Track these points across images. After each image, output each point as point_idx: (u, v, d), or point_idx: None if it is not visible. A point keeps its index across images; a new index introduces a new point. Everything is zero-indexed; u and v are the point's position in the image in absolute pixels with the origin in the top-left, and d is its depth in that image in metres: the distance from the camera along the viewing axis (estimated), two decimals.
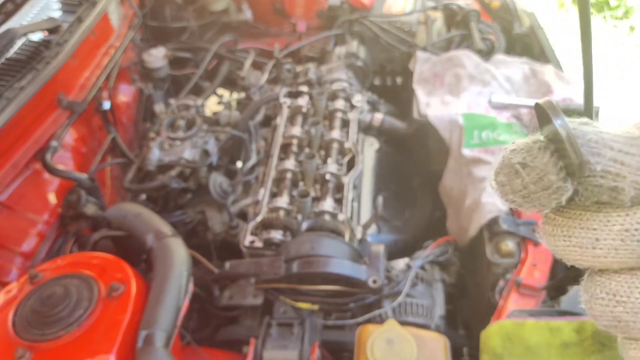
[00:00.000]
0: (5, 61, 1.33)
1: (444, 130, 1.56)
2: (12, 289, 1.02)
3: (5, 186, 1.25)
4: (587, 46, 0.85)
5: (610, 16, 3.93)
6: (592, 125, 0.23)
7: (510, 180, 0.23)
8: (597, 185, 0.22)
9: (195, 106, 1.81)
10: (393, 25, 1.98)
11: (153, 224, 1.28)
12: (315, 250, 1.24)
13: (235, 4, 2.19)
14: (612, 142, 0.22)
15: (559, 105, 0.24)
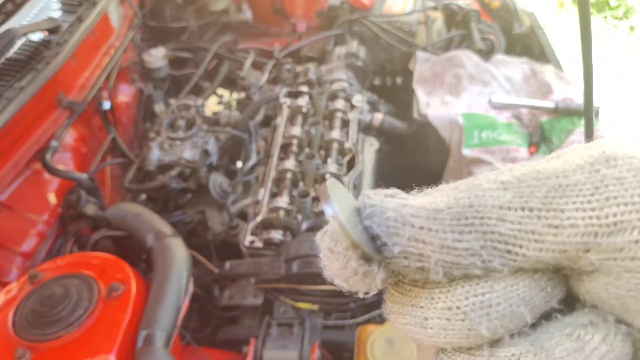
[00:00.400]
0: (5, 61, 1.33)
1: (444, 130, 1.56)
2: (12, 289, 1.02)
3: (5, 186, 1.25)
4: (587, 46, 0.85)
5: (611, 16, 3.93)
6: (397, 197, 0.21)
7: (327, 265, 0.22)
8: (404, 265, 0.20)
9: (195, 106, 1.81)
10: (393, 25, 1.98)
11: (153, 224, 1.28)
12: (315, 250, 1.24)
13: (235, 4, 2.19)
14: (413, 219, 0.20)
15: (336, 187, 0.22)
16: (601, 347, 0.20)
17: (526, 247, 0.19)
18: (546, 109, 1.52)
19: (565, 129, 1.46)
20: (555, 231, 0.19)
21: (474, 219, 0.19)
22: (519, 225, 0.19)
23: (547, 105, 1.52)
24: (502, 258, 0.19)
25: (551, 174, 0.19)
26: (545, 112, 1.53)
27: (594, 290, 0.20)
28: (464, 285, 0.20)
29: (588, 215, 0.18)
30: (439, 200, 0.21)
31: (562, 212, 0.19)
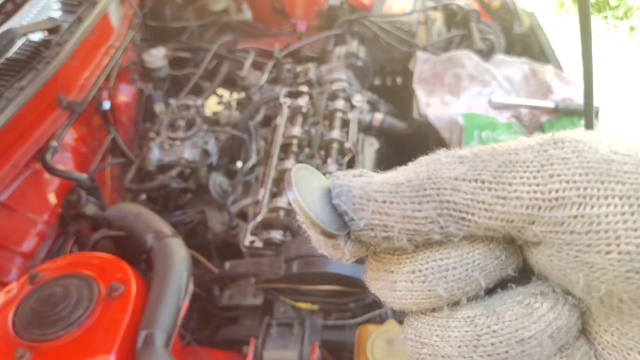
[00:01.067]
0: (5, 61, 1.33)
1: (444, 130, 1.56)
2: (12, 289, 1.02)
3: (5, 186, 1.25)
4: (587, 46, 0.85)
5: (611, 16, 3.93)
6: (364, 176, 0.23)
7: (310, 237, 0.25)
8: (371, 237, 0.22)
9: (195, 106, 1.81)
10: (393, 25, 1.98)
11: (153, 224, 1.28)
12: (315, 250, 1.24)
13: (235, 4, 2.19)
14: (376, 194, 0.22)
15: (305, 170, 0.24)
16: (549, 314, 0.21)
17: (477, 215, 0.21)
18: (546, 109, 1.52)
19: (565, 129, 1.46)
20: (503, 202, 0.21)
21: (431, 190, 0.21)
22: (472, 195, 0.21)
23: (547, 105, 1.52)
24: (456, 224, 0.21)
25: (504, 151, 0.21)
26: (545, 112, 1.53)
27: (541, 262, 0.22)
28: (425, 251, 0.22)
29: (533, 190, 0.20)
30: (401, 174, 0.22)
31: (509, 185, 0.20)
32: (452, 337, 0.22)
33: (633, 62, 3.68)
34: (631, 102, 3.28)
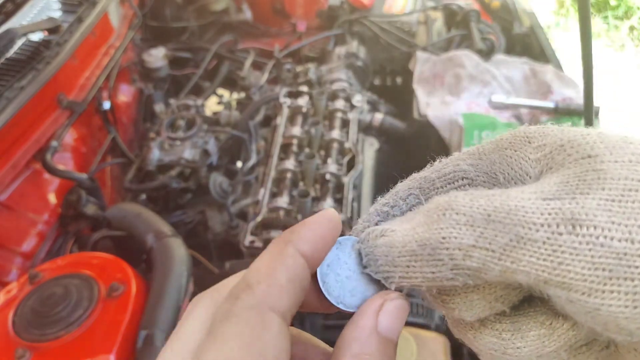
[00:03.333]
0: (5, 61, 1.33)
1: (444, 130, 1.56)
2: (12, 289, 1.02)
3: (5, 186, 1.25)
4: (587, 46, 0.85)
5: (611, 16, 3.93)
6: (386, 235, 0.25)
7: None
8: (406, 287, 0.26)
9: (195, 106, 1.81)
10: (393, 25, 1.98)
11: (153, 224, 1.28)
12: None
13: (235, 4, 2.19)
14: (399, 259, 0.24)
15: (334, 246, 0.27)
16: (569, 332, 0.23)
17: (490, 276, 0.22)
18: (546, 109, 1.52)
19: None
20: (512, 273, 0.21)
21: (444, 256, 0.22)
22: (482, 262, 0.22)
23: (547, 105, 1.52)
24: (472, 278, 0.23)
25: (518, 222, 0.21)
26: (545, 112, 1.53)
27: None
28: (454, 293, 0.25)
29: (541, 270, 0.21)
30: (419, 232, 0.24)
31: (519, 260, 0.21)
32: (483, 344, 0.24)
33: (633, 61, 3.68)
34: (631, 102, 3.28)
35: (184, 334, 0.24)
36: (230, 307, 0.23)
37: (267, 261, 0.25)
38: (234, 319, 0.22)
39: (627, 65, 3.64)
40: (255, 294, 0.23)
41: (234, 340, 0.22)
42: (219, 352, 0.21)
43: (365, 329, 0.25)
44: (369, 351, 0.24)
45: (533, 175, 0.24)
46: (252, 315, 0.23)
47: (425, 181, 0.27)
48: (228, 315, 0.23)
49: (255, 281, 0.24)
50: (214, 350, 0.22)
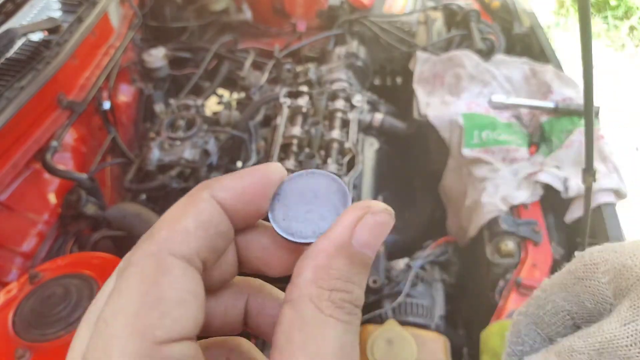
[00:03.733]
0: (5, 61, 1.33)
1: (444, 130, 1.56)
2: (12, 289, 1.02)
3: (5, 186, 1.25)
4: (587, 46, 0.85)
5: (611, 16, 3.93)
6: None
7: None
8: None
9: (195, 106, 1.81)
10: (393, 25, 1.98)
11: (153, 224, 1.28)
12: None
13: (235, 4, 2.19)
14: None
15: None
16: None
17: None
18: (546, 109, 1.52)
19: (565, 129, 1.46)
20: None
21: None
22: None
23: (547, 105, 1.52)
24: None
25: (616, 347, 0.25)
26: (545, 112, 1.53)
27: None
28: None
29: None
30: None
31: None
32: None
33: (633, 61, 3.68)
34: (631, 102, 3.28)
35: (100, 294, 0.23)
36: (130, 257, 0.22)
37: (175, 208, 0.24)
38: (132, 268, 0.21)
39: (627, 65, 3.65)
40: (155, 241, 0.22)
41: (132, 289, 0.20)
42: (116, 305, 0.20)
43: (337, 240, 0.22)
44: (337, 266, 0.22)
45: (611, 294, 0.27)
46: (149, 262, 0.21)
47: (536, 317, 0.32)
48: (127, 266, 0.22)
49: (157, 229, 0.23)
50: (112, 304, 0.20)
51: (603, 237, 1.21)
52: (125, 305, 0.20)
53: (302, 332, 0.21)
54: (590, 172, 1.00)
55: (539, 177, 1.32)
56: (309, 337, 0.20)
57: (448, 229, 1.56)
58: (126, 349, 0.19)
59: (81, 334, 0.22)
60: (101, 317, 0.20)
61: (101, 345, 0.20)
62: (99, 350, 0.19)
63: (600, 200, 1.26)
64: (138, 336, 0.19)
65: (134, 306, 0.20)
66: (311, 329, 0.21)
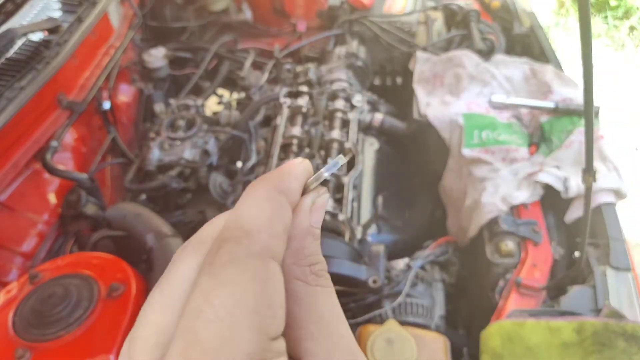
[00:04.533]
0: (5, 61, 1.33)
1: (444, 130, 1.56)
2: (12, 289, 1.02)
3: (5, 186, 1.25)
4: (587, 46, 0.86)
5: (611, 16, 3.93)
6: None
7: None
8: None
9: (195, 106, 1.81)
10: (393, 25, 1.98)
11: (153, 224, 1.28)
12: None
13: (235, 4, 2.19)
14: None
15: None
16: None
17: None
18: (546, 109, 1.52)
19: (565, 129, 1.46)
20: None
21: None
22: None
23: (547, 105, 1.52)
24: None
25: None
26: (545, 112, 1.53)
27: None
28: None
29: None
30: None
31: None
32: None
33: (633, 61, 3.68)
34: (631, 102, 3.28)
35: (173, 279, 0.25)
36: (233, 252, 0.23)
37: (263, 210, 0.25)
38: (241, 265, 0.23)
39: (627, 65, 3.64)
40: (258, 242, 0.24)
41: (243, 285, 0.22)
42: (230, 296, 0.22)
43: (302, 226, 0.26)
44: (307, 245, 0.26)
45: None
46: (258, 263, 0.23)
47: None
48: (232, 261, 0.23)
49: (255, 229, 0.24)
50: (224, 294, 0.22)
51: (603, 237, 1.21)
52: (243, 301, 0.22)
53: (300, 306, 0.25)
54: (590, 172, 1.00)
55: (539, 177, 1.32)
56: (306, 307, 0.25)
57: (448, 229, 1.56)
58: (251, 339, 0.21)
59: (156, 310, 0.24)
60: (208, 302, 0.22)
61: (220, 328, 0.21)
62: (214, 333, 0.21)
63: (600, 200, 1.26)
64: (258, 331, 0.22)
65: (252, 303, 0.22)
66: (306, 301, 0.25)
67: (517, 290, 1.18)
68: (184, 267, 0.25)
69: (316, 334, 0.24)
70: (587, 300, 1.09)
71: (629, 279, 1.12)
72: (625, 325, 0.98)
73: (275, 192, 0.26)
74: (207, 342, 0.21)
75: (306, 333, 0.24)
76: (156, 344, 0.23)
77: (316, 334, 0.24)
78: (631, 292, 1.10)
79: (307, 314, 0.25)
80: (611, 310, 1.04)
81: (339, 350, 0.24)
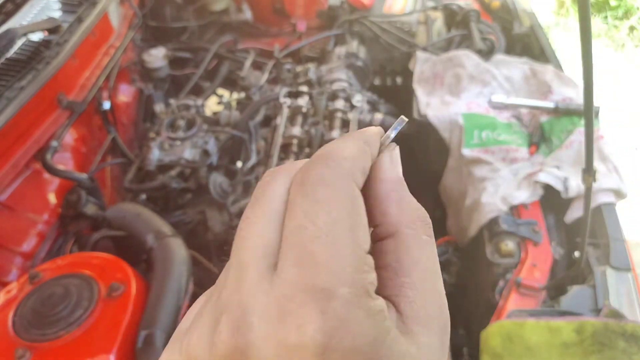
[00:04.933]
0: (5, 61, 1.33)
1: (444, 130, 1.56)
2: (12, 289, 1.02)
3: (5, 186, 1.25)
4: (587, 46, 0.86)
5: (611, 16, 3.93)
6: None
7: None
8: None
9: (195, 106, 1.81)
10: (393, 25, 1.98)
11: (153, 224, 1.28)
12: None
13: (235, 4, 2.19)
14: None
15: None
16: None
17: None
18: (546, 109, 1.52)
19: (565, 129, 1.46)
20: None
21: None
22: None
23: (547, 105, 1.52)
24: None
25: None
26: (545, 112, 1.53)
27: None
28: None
29: None
30: None
31: None
32: None
33: (633, 61, 3.68)
34: (631, 102, 3.28)
35: (268, 197, 0.26)
36: (323, 174, 0.25)
37: (350, 147, 0.27)
38: (331, 185, 0.25)
39: (627, 65, 3.64)
40: (344, 167, 0.26)
41: (337, 203, 0.24)
42: (327, 214, 0.24)
43: (395, 178, 0.28)
44: (405, 195, 0.28)
45: None
46: (345, 183, 0.25)
47: None
48: (322, 180, 0.25)
49: (342, 157, 0.26)
50: (323, 212, 0.24)
51: (603, 237, 1.21)
52: (339, 217, 0.24)
53: (410, 255, 0.26)
54: (590, 172, 1.00)
55: (539, 177, 1.32)
56: (416, 257, 0.26)
57: (448, 229, 1.56)
58: (352, 252, 0.23)
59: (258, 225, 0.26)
60: (310, 220, 0.24)
61: (326, 242, 0.23)
62: (322, 247, 0.23)
63: (600, 200, 1.26)
64: (355, 245, 0.24)
65: (347, 220, 0.24)
66: (415, 251, 0.26)
67: (517, 290, 1.18)
68: (277, 187, 0.26)
69: (418, 283, 0.26)
70: (587, 300, 1.09)
71: (629, 279, 1.12)
72: (625, 325, 0.98)
73: (360, 140, 0.28)
74: (317, 255, 0.23)
75: (410, 282, 0.26)
76: (264, 254, 0.25)
77: (418, 284, 0.26)
78: (631, 292, 1.10)
79: (414, 264, 0.26)
80: (611, 310, 1.04)
81: (434, 304, 0.26)
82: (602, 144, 1.38)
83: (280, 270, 0.23)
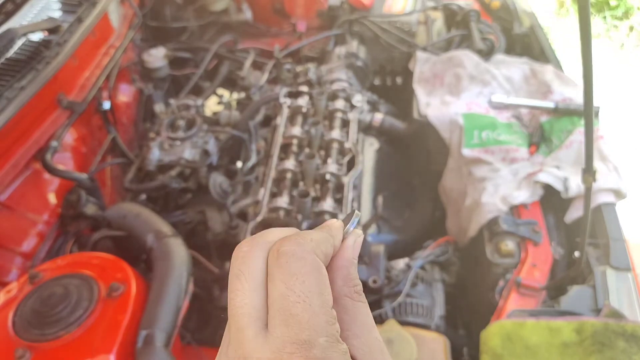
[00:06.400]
0: (5, 61, 1.33)
1: (444, 130, 1.56)
2: (12, 289, 1.02)
3: (5, 186, 1.25)
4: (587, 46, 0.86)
5: (611, 16, 3.93)
6: None
7: None
8: None
9: (195, 106, 1.81)
10: (393, 25, 1.98)
11: (153, 224, 1.28)
12: None
13: (235, 4, 2.19)
14: None
15: None
16: None
17: None
18: (546, 109, 1.52)
19: (565, 129, 1.46)
20: None
21: None
22: None
23: (547, 105, 1.52)
24: None
25: None
26: (545, 112, 1.53)
27: None
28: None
29: None
30: None
31: None
32: None
33: (633, 62, 3.68)
34: (631, 102, 3.28)
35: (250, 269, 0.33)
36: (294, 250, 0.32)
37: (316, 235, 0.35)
38: (301, 259, 0.32)
39: (627, 65, 3.64)
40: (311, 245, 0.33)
41: (307, 274, 0.32)
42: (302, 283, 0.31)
43: (348, 259, 0.36)
44: (351, 272, 0.36)
45: None
46: (313, 257, 0.33)
47: None
48: (294, 255, 0.32)
49: (309, 239, 0.34)
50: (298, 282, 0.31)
51: (603, 237, 1.21)
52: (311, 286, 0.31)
53: (348, 315, 0.34)
54: (590, 172, 1.00)
55: (539, 177, 1.32)
56: (353, 316, 0.34)
57: (448, 229, 1.56)
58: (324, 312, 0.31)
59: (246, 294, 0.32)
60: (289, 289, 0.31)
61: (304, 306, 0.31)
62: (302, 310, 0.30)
63: (600, 200, 1.26)
64: (326, 304, 0.32)
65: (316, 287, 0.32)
66: (352, 312, 0.34)
67: (517, 290, 1.18)
68: (256, 260, 0.33)
69: (359, 334, 0.34)
70: (587, 300, 1.09)
71: (629, 279, 1.12)
72: (625, 325, 0.98)
73: (323, 231, 0.37)
74: (299, 316, 0.30)
75: (353, 334, 0.34)
76: (256, 318, 0.31)
77: (359, 334, 0.34)
78: (631, 292, 1.10)
79: (353, 321, 0.34)
80: (611, 310, 1.04)
81: (375, 348, 0.34)
82: (602, 144, 1.38)
83: (272, 329, 0.30)
